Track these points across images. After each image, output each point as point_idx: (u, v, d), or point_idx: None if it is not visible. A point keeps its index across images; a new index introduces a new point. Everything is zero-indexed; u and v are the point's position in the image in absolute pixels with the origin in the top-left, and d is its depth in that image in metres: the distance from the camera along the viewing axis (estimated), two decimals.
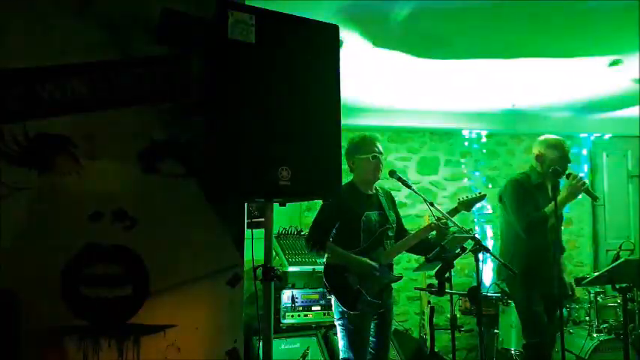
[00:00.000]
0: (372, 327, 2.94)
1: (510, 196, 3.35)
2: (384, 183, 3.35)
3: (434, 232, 2.98)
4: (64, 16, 1.96)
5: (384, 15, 3.13)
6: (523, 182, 3.35)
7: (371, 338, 2.93)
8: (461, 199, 3.06)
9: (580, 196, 3.28)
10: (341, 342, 2.91)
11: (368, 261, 2.84)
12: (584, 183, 3.20)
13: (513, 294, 3.62)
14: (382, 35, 3.43)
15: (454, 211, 2.99)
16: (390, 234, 3.00)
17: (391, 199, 3.12)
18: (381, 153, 2.99)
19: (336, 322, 2.92)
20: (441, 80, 4.29)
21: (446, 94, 4.66)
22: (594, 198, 3.30)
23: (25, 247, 1.87)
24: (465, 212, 3.10)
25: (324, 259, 2.96)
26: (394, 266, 3.10)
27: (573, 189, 3.17)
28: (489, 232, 5.47)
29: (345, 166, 2.52)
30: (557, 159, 3.28)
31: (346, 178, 2.61)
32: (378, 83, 4.32)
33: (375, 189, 3.05)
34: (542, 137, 3.43)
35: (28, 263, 1.87)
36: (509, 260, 3.25)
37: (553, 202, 3.10)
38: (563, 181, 3.24)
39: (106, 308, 1.95)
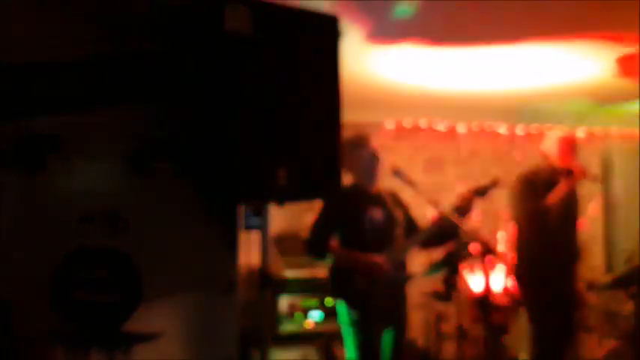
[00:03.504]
0: (384, 338, 2.83)
1: (517, 191, 3.34)
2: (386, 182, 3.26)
3: None
4: (56, 12, 1.91)
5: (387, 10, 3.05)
6: (529, 177, 3.32)
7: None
8: (474, 189, 2.92)
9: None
10: (351, 350, 2.79)
11: (374, 259, 2.74)
12: (582, 170, 3.19)
13: (526, 297, 3.52)
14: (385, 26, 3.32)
15: (467, 201, 2.84)
16: (397, 232, 2.91)
17: (396, 197, 3.04)
18: (375, 151, 2.93)
19: (344, 332, 2.82)
20: (449, 75, 4.20)
21: (454, 89, 4.57)
22: (594, 179, 3.27)
23: (14, 249, 1.82)
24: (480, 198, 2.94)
25: (329, 263, 2.86)
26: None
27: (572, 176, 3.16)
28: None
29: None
30: (563, 154, 3.24)
31: None
32: (381, 76, 4.23)
33: (378, 189, 2.98)
34: (549, 133, 3.44)
35: (16, 266, 1.81)
36: (522, 262, 3.20)
37: (553, 194, 3.09)
38: None
39: (96, 314, 1.89)
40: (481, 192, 2.88)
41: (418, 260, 3.71)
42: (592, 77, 4.31)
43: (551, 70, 4.13)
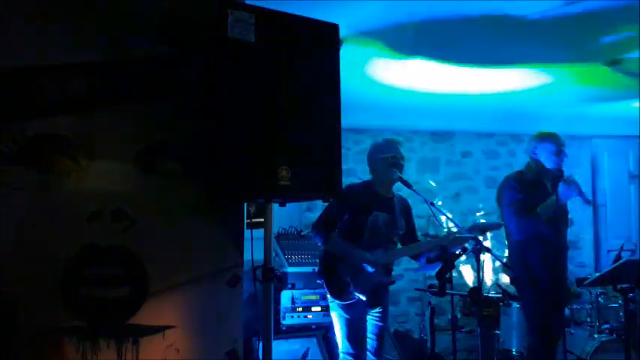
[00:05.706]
0: (369, 326, 2.95)
1: (502, 194, 3.34)
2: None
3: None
4: (63, 15, 1.95)
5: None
6: (515, 179, 3.31)
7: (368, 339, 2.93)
8: (476, 224, 3.03)
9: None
10: (339, 335, 2.90)
11: (365, 255, 2.84)
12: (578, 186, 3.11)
13: (521, 295, 3.55)
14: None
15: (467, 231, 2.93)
16: (395, 239, 3.01)
17: (406, 207, 3.13)
18: (402, 157, 3.00)
19: (332, 314, 2.93)
20: (443, 80, 4.28)
21: (447, 92, 4.65)
22: (587, 202, 3.20)
23: (24, 247, 1.86)
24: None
25: (325, 247, 2.95)
26: (395, 267, 3.10)
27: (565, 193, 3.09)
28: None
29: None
30: (550, 153, 3.23)
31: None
32: (380, 83, 4.31)
33: (392, 194, 3.06)
34: (536, 133, 3.37)
35: (26, 264, 1.86)
36: (515, 261, 3.22)
37: (547, 202, 3.09)
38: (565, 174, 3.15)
39: (105, 309, 1.94)
40: (481, 229, 2.98)
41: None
42: (581, 81, 4.41)
43: (540, 75, 4.22)
